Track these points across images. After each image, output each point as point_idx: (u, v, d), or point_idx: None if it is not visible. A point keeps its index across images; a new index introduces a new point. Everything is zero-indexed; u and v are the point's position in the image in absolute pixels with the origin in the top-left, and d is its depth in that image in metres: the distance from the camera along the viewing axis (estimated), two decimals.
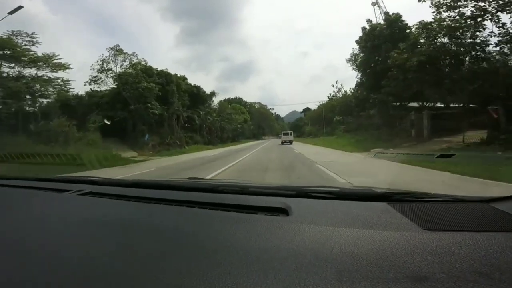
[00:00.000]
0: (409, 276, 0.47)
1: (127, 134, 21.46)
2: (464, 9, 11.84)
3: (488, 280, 0.46)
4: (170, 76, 25.87)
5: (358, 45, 22.97)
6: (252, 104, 76.36)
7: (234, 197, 1.04)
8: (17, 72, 17.91)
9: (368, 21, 22.61)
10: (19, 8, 12.54)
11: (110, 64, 22.03)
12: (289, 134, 33.69)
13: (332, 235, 0.64)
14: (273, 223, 0.74)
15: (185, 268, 0.53)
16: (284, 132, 35.53)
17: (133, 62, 22.92)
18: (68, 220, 0.89)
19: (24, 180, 1.65)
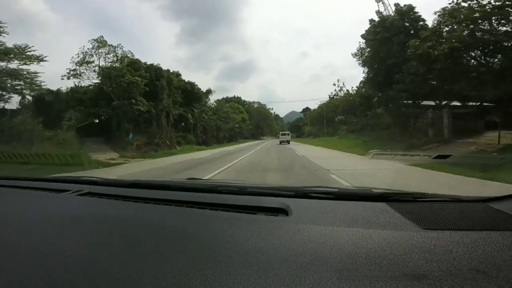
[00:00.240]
0: (408, 274, 0.48)
1: (111, 133, 19.49)
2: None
3: (486, 278, 0.47)
4: (161, 71, 23.70)
5: (365, 39, 21.27)
6: (251, 104, 74.53)
7: (234, 198, 1.04)
8: None
9: (378, 12, 21.13)
10: None
11: (93, 57, 19.88)
12: (287, 135, 37.04)
13: (332, 235, 0.65)
14: (273, 223, 0.75)
15: (185, 268, 0.53)
16: (282, 133, 38.88)
17: (118, 55, 20.76)
18: (67, 221, 0.88)
19: (24, 180, 1.65)
